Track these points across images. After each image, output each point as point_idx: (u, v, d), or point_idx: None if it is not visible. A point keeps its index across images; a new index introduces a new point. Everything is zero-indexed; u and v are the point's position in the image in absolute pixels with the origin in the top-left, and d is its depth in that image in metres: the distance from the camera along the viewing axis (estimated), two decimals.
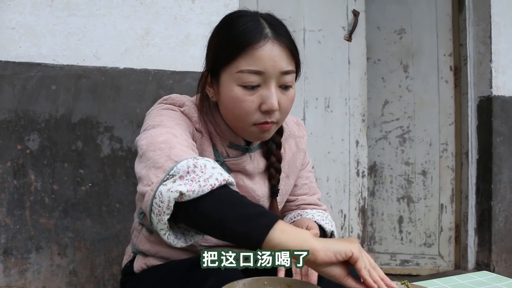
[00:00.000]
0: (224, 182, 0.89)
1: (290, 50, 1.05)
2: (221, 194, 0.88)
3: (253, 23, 1.04)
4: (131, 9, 1.81)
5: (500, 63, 2.65)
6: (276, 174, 1.21)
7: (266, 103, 1.03)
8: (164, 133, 0.99)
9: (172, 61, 1.85)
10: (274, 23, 1.06)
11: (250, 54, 1.01)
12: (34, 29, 1.70)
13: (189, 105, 1.11)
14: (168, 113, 1.08)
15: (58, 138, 1.72)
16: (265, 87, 1.03)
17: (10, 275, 1.68)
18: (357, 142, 2.54)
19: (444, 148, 2.83)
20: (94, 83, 1.76)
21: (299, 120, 1.33)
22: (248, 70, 1.02)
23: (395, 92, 2.87)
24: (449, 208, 2.82)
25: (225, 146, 1.14)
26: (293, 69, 1.06)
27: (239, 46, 1.02)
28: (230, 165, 1.14)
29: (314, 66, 2.44)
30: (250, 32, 1.02)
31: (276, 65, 1.02)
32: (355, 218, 2.53)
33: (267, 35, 1.02)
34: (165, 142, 0.96)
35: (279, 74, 1.03)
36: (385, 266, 2.84)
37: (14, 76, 1.68)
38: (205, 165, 0.90)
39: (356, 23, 2.50)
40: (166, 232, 0.90)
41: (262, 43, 1.01)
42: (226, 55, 1.04)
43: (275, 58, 1.02)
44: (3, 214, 1.67)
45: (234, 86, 1.03)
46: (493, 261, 2.63)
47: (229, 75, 1.04)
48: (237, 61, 1.02)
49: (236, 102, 1.04)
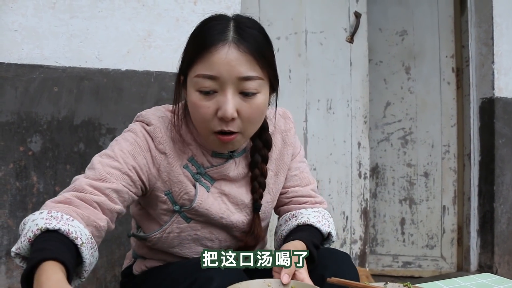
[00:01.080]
0: (39, 231, 0.87)
1: (253, 55, 0.98)
2: (36, 242, 0.87)
3: (218, 26, 1.00)
4: (133, 11, 1.81)
5: (502, 64, 2.65)
6: (259, 189, 1.17)
7: (221, 109, 0.98)
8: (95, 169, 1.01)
9: (174, 63, 1.83)
10: (242, 27, 1.00)
11: (205, 58, 0.98)
12: (37, 31, 1.71)
13: (155, 123, 1.08)
14: (123, 138, 1.07)
15: (60, 139, 1.73)
16: (222, 93, 0.99)
17: (12, 277, 1.68)
18: (359, 143, 2.54)
19: (446, 150, 2.82)
20: (96, 85, 1.77)
21: (285, 111, 1.25)
22: (202, 74, 0.98)
23: (397, 93, 2.87)
24: (452, 210, 2.82)
25: (208, 155, 1.11)
26: (256, 75, 0.99)
27: (196, 49, 0.99)
28: (212, 174, 1.12)
29: (316, 67, 2.44)
30: (211, 35, 0.99)
31: (233, 70, 0.97)
32: (357, 220, 2.53)
33: (226, 38, 0.98)
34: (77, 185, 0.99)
35: (236, 79, 0.98)
36: (387, 268, 2.83)
37: (16, 78, 1.68)
38: (29, 218, 0.91)
39: (358, 25, 2.50)
40: None
41: (218, 46, 0.97)
42: (188, 58, 1.02)
43: (232, 62, 0.97)
44: (5, 216, 1.67)
45: (193, 91, 1.01)
46: (496, 263, 2.63)
47: (190, 79, 1.02)
48: (195, 65, 1.00)
49: (194, 108, 1.01)
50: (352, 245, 2.51)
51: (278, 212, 1.29)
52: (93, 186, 0.98)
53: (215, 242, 1.18)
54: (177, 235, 1.14)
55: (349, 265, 1.10)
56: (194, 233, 1.15)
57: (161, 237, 1.14)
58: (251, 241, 1.17)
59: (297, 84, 2.40)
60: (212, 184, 1.13)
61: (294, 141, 1.24)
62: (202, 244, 1.17)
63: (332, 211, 2.48)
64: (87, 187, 0.98)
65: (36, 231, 0.87)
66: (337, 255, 1.12)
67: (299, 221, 1.18)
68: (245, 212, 1.17)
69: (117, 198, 1.01)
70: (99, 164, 1.02)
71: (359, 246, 2.52)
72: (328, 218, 1.22)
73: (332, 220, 1.23)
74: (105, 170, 1.00)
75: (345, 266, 1.08)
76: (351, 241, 2.51)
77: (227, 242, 1.20)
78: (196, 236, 1.15)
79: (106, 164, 1.02)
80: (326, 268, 1.06)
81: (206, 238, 1.16)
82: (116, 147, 1.05)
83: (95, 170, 1.01)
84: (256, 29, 1.03)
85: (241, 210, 1.17)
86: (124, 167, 1.03)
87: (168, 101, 1.88)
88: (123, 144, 1.05)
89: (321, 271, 1.05)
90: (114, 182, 1.00)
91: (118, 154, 1.03)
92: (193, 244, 1.17)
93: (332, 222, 1.22)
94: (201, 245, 1.17)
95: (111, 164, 1.02)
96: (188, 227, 1.13)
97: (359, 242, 2.52)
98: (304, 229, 1.16)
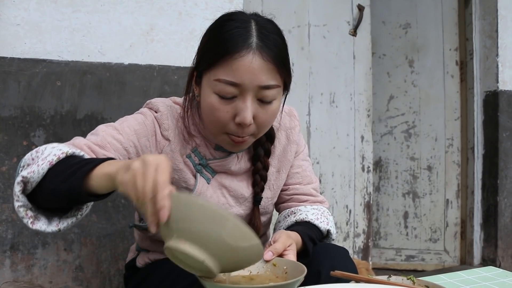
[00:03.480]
0: (64, 155, 0.87)
1: (275, 63, 0.98)
2: (60, 165, 0.86)
3: (240, 29, 0.98)
4: (135, 4, 1.81)
5: (507, 57, 2.63)
6: (260, 182, 1.17)
7: (239, 116, 0.98)
8: (101, 135, 1.03)
9: (177, 57, 1.85)
10: (265, 32, 0.99)
11: (229, 64, 0.96)
12: (39, 25, 1.70)
13: (163, 111, 1.09)
14: (133, 117, 1.10)
15: (64, 134, 1.73)
16: (241, 99, 0.98)
17: (17, 270, 1.69)
18: (362, 137, 2.53)
19: (450, 143, 2.82)
20: (99, 79, 1.76)
21: (291, 109, 1.25)
22: (224, 80, 0.97)
23: (400, 87, 2.85)
24: (455, 203, 2.81)
25: (211, 148, 1.12)
26: (276, 83, 0.99)
27: (219, 54, 0.97)
28: (214, 167, 1.13)
29: (319, 61, 2.43)
30: (233, 39, 0.96)
31: (255, 78, 0.96)
32: (360, 214, 2.53)
33: (250, 44, 0.96)
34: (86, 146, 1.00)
35: (257, 88, 0.97)
36: (391, 261, 2.84)
37: (19, 73, 1.68)
38: (46, 147, 0.90)
39: (361, 18, 2.49)
40: (28, 220, 0.88)
41: (243, 53, 0.95)
42: (207, 59, 1.00)
43: (255, 71, 0.96)
44: (9, 210, 1.68)
45: (211, 93, 1.00)
46: (499, 256, 2.63)
47: (208, 80, 1.00)
48: (215, 69, 0.98)
49: (211, 109, 1.00)
50: (355, 238, 2.51)
51: (278, 209, 1.30)
52: (91, 148, 0.99)
53: None
54: None
55: (346, 259, 1.08)
56: None
57: None
58: None
59: (300, 78, 2.39)
60: (213, 177, 1.13)
61: (298, 139, 1.24)
62: None
63: (335, 204, 2.48)
64: (85, 147, 0.99)
65: (61, 154, 0.87)
66: (333, 250, 1.11)
67: (298, 218, 1.18)
68: (244, 206, 1.18)
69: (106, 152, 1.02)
70: (102, 132, 1.04)
71: (362, 239, 2.52)
72: (327, 216, 1.21)
73: (332, 218, 1.23)
74: (106, 139, 1.02)
75: (342, 261, 1.07)
76: (354, 234, 2.51)
77: None
78: None
79: (109, 133, 1.04)
80: (321, 263, 1.05)
81: None
82: (125, 123, 1.08)
83: (97, 136, 1.03)
84: (276, 33, 1.02)
85: (241, 204, 1.17)
86: (126, 142, 1.05)
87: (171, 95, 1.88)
88: (131, 122, 1.08)
89: (317, 266, 1.04)
90: (112, 153, 1.02)
91: (124, 129, 1.06)
92: None
93: (332, 220, 1.22)
94: None
95: (114, 135, 1.04)
96: None
97: (362, 236, 2.52)
98: (302, 225, 1.16)
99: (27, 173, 0.86)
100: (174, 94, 1.83)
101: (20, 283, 1.70)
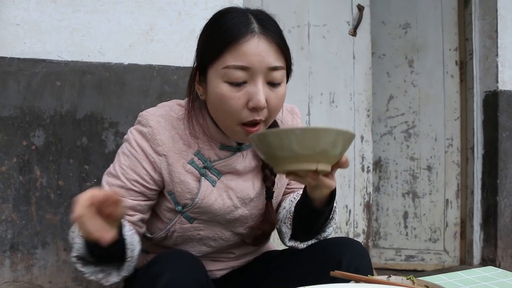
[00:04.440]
0: None
1: (279, 45, 1.02)
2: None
3: (240, 18, 1.01)
4: (135, 4, 1.81)
5: (507, 57, 2.63)
6: (271, 176, 1.18)
7: (252, 99, 1.00)
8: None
9: (176, 57, 1.85)
10: (262, 18, 1.03)
11: (236, 49, 0.99)
12: (39, 25, 1.70)
13: (153, 125, 1.08)
14: (122, 152, 1.10)
15: (63, 134, 1.73)
16: (252, 83, 1.00)
17: (16, 270, 1.69)
18: (362, 137, 2.53)
19: (450, 143, 2.82)
20: (99, 79, 1.76)
21: (293, 107, 1.27)
22: (233, 65, 0.99)
23: (400, 87, 2.85)
24: (455, 203, 2.81)
25: (216, 148, 1.11)
26: (282, 65, 1.03)
27: (225, 41, 0.99)
28: (219, 168, 1.12)
29: (318, 61, 2.43)
30: (236, 26, 1.00)
31: (263, 60, 0.99)
32: (360, 214, 2.53)
33: (253, 29, 1.00)
34: None
35: (266, 69, 1.00)
36: (390, 261, 2.84)
37: (19, 73, 1.68)
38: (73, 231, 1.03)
39: (360, 18, 2.49)
40: (103, 281, 1.05)
41: (248, 38, 0.99)
42: (212, 51, 1.02)
43: (262, 53, 0.99)
44: (9, 210, 1.68)
45: (220, 83, 1.01)
46: (499, 256, 2.63)
47: (215, 71, 1.01)
48: (223, 57, 1.00)
49: (223, 99, 1.01)
50: (354, 238, 2.51)
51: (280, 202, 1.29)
52: None
53: (218, 242, 1.18)
54: (180, 235, 1.15)
55: (365, 256, 1.11)
56: (197, 233, 1.15)
57: (166, 236, 1.16)
58: (268, 228, 1.19)
59: (300, 78, 2.39)
60: (219, 179, 1.13)
61: None
62: (205, 244, 1.18)
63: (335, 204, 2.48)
64: None
65: None
66: (356, 244, 1.13)
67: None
68: (250, 206, 1.18)
69: (132, 211, 1.08)
70: (106, 185, 1.08)
71: (362, 239, 2.52)
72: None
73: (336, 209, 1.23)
74: (112, 190, 1.05)
75: (363, 257, 1.10)
76: (354, 234, 2.51)
77: (231, 241, 1.20)
78: (199, 236, 1.16)
79: (111, 183, 1.08)
80: (343, 253, 1.08)
81: (209, 238, 1.17)
82: (117, 163, 1.09)
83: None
84: (273, 20, 1.06)
85: (246, 205, 1.17)
86: (127, 184, 1.07)
87: (171, 95, 1.88)
88: (122, 160, 1.09)
89: (339, 256, 1.08)
90: (141, 198, 1.08)
91: (119, 172, 1.08)
92: (197, 244, 1.17)
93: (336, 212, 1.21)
94: (204, 244, 1.18)
95: (115, 183, 1.07)
96: (191, 227, 1.14)
97: (362, 236, 2.52)
98: None
99: (76, 254, 1.01)
100: (174, 94, 1.83)
101: (19, 283, 1.70)
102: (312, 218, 1.12)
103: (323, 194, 1.07)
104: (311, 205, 1.09)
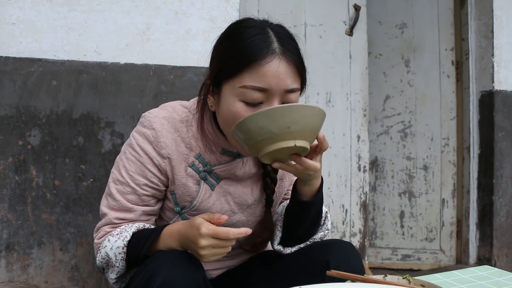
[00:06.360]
0: (125, 248, 1.06)
1: (297, 67, 1.01)
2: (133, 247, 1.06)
3: (260, 36, 0.99)
4: (131, 4, 1.80)
5: (502, 57, 2.64)
6: (271, 184, 1.18)
7: None
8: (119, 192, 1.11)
9: (173, 56, 1.85)
10: (282, 37, 1.01)
11: (256, 70, 0.97)
12: (35, 24, 1.70)
13: (157, 128, 1.07)
14: (127, 162, 1.10)
15: (59, 133, 1.72)
16: (268, 104, 0.99)
17: (12, 270, 1.69)
18: (359, 137, 2.54)
19: (446, 143, 2.82)
20: (95, 79, 1.76)
21: None
22: (252, 86, 0.97)
23: (396, 87, 2.86)
24: (451, 203, 2.82)
25: (217, 152, 1.11)
26: (298, 87, 1.03)
27: (244, 60, 0.97)
28: (219, 173, 1.12)
29: (315, 61, 2.43)
30: (257, 46, 0.97)
31: (281, 83, 0.98)
32: (357, 213, 2.53)
33: (274, 50, 0.98)
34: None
35: (283, 92, 0.99)
36: (387, 261, 2.84)
37: (15, 72, 1.68)
38: (105, 251, 1.08)
39: (357, 18, 2.49)
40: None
41: (268, 59, 0.97)
42: (230, 68, 0.99)
43: (281, 75, 0.98)
44: (5, 210, 1.68)
45: (236, 101, 0.99)
46: (495, 255, 2.63)
47: (231, 88, 1.00)
48: (241, 76, 0.98)
49: (236, 118, 0.98)
50: (351, 238, 2.51)
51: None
52: (123, 219, 1.09)
53: None
54: None
55: (355, 256, 1.11)
56: None
57: None
58: (267, 235, 1.20)
59: None
60: (218, 183, 1.13)
61: None
62: None
63: (331, 204, 2.48)
64: (117, 221, 1.09)
65: (123, 249, 1.05)
66: (344, 244, 1.13)
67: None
68: (247, 213, 1.18)
69: (148, 215, 1.12)
70: (117, 194, 1.09)
71: (359, 239, 2.52)
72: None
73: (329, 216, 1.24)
74: (124, 198, 1.08)
75: (352, 256, 1.10)
76: (350, 234, 2.52)
77: None
78: None
79: (122, 191, 1.08)
80: (331, 254, 1.08)
81: None
82: (123, 170, 1.09)
83: (117, 202, 1.09)
84: (293, 39, 1.04)
85: (243, 211, 1.17)
86: (137, 189, 1.08)
87: (167, 94, 1.88)
88: (128, 166, 1.09)
89: (326, 256, 1.08)
90: (137, 209, 1.09)
91: (128, 178, 1.08)
92: None
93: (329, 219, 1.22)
94: None
95: (126, 190, 1.08)
96: None
97: (358, 235, 2.53)
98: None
99: (116, 275, 1.09)
100: (170, 93, 1.83)
101: (15, 283, 1.69)
102: (300, 214, 1.13)
103: (312, 188, 1.09)
104: (300, 199, 1.11)
